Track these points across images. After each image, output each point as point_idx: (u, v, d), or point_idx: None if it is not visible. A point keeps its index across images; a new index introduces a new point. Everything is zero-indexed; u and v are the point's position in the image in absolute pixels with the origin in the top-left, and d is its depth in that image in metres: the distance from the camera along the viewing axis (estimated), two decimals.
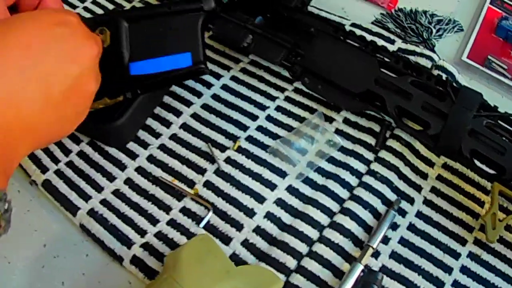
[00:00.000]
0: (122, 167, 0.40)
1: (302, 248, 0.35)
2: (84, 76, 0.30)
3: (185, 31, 0.38)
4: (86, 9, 0.50)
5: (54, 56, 0.29)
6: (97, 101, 0.36)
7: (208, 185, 0.39)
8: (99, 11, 0.50)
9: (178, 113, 0.42)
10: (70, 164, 0.40)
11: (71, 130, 0.32)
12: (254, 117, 0.42)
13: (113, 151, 0.41)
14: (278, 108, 0.42)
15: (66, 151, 0.41)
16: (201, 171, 0.39)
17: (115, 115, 0.39)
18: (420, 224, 0.37)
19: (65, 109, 0.30)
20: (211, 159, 0.40)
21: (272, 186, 0.38)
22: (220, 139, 0.41)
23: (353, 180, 0.38)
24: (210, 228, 0.37)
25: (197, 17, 0.38)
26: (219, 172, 0.39)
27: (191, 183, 0.39)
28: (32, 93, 0.28)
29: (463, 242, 0.36)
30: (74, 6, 0.51)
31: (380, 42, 0.44)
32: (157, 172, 0.40)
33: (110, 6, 0.50)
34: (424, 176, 0.39)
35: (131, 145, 0.41)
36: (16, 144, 0.27)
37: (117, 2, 0.51)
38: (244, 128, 0.41)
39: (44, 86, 0.28)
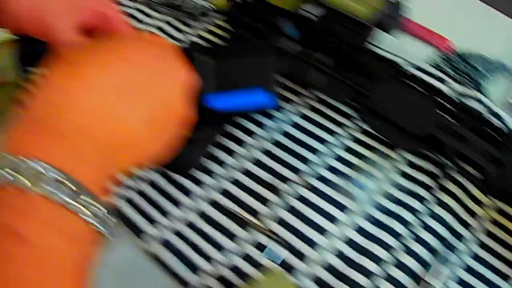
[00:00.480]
0: (187, 193, 0.41)
1: (366, 283, 0.37)
2: (176, 98, 0.32)
3: (257, 68, 0.39)
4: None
5: (151, 74, 0.31)
6: None
7: (272, 216, 0.40)
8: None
9: (240, 142, 0.44)
10: (135, 189, 0.41)
11: (160, 151, 0.33)
12: (316, 152, 0.43)
13: (178, 177, 0.42)
14: (340, 145, 0.44)
15: (130, 175, 0.42)
16: (265, 202, 0.41)
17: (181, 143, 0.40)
18: (471, 263, 0.39)
19: (157, 127, 0.31)
20: (275, 191, 0.41)
21: (334, 221, 0.40)
22: (284, 171, 0.42)
23: (411, 218, 0.40)
24: (274, 258, 0.38)
25: (269, 54, 0.39)
26: (283, 204, 0.41)
27: (255, 213, 0.40)
28: (130, 108, 0.29)
29: (507, 279, 0.38)
30: None
31: (433, 81, 0.46)
32: (221, 200, 0.41)
33: (171, 30, 0.51)
34: (477, 216, 0.41)
35: (196, 173, 0.42)
36: (114, 157, 0.29)
37: (180, 28, 0.51)
38: (306, 162, 0.43)
39: (140, 102, 0.30)
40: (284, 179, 0.42)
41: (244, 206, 0.41)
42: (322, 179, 0.42)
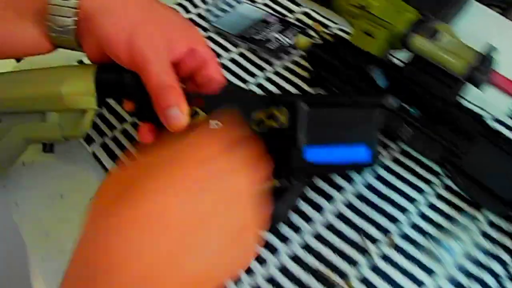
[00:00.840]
0: (273, 250, 0.40)
1: None
2: (250, 217, 0.29)
3: (362, 124, 0.37)
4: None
5: (222, 196, 0.27)
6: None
7: (356, 275, 0.40)
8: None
9: (328, 197, 0.42)
10: None
11: (239, 268, 0.31)
12: (404, 210, 0.42)
13: (264, 233, 0.40)
14: (426, 202, 0.43)
15: None
16: (349, 259, 0.40)
17: (271, 197, 0.38)
18: None
19: (229, 252, 0.28)
20: (363, 251, 0.40)
21: (420, 284, 0.40)
22: (369, 229, 0.41)
23: (493, 283, 0.40)
24: None
25: (375, 111, 0.37)
26: (370, 265, 0.40)
27: (342, 274, 0.40)
28: (203, 242, 0.26)
29: None
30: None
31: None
32: (308, 258, 0.40)
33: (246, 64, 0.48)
34: None
35: (283, 228, 0.41)
36: None
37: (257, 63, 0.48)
38: (394, 220, 0.42)
39: (212, 232, 0.26)
40: (369, 236, 0.41)
41: (327, 264, 0.40)
42: (407, 238, 0.41)
